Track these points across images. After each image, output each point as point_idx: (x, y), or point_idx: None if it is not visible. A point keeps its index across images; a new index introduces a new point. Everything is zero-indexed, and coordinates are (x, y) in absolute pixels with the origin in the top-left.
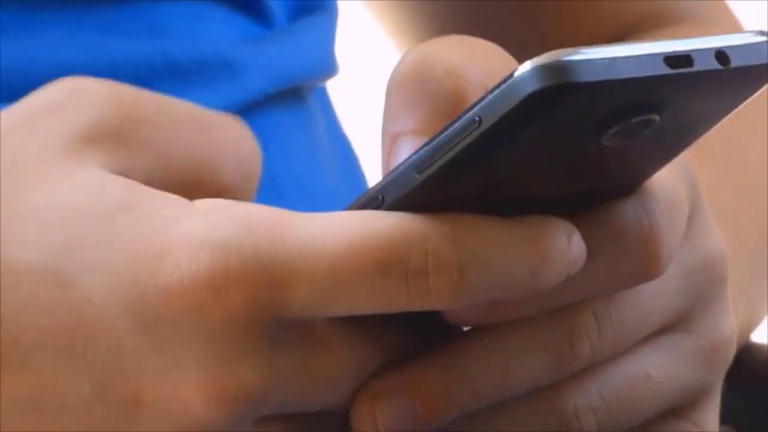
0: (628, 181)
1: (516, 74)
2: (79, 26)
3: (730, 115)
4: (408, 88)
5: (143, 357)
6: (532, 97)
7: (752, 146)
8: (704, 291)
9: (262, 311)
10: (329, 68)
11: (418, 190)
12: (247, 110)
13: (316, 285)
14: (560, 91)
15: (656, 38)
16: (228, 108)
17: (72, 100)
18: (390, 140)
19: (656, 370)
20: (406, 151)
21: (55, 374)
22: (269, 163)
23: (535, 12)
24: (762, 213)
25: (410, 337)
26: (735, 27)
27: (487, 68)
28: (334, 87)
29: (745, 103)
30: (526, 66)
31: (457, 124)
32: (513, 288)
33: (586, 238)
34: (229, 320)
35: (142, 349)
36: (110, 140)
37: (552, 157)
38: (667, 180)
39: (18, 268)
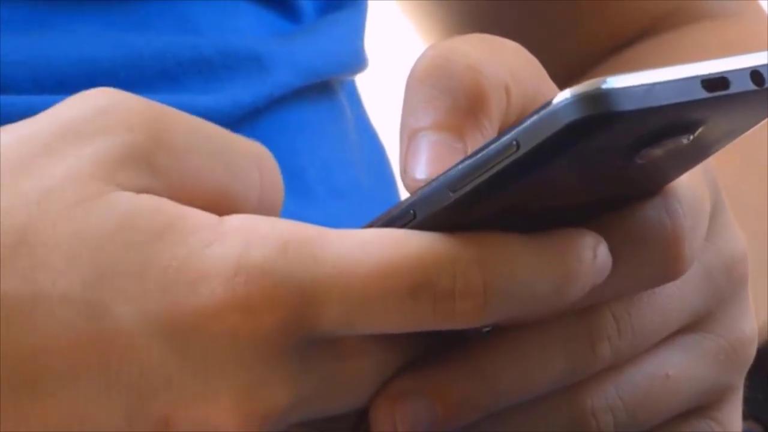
0: (652, 185)
1: (555, 102)
2: (107, 21)
3: None
4: (428, 84)
5: (175, 382)
6: (572, 125)
7: None
8: (724, 291)
9: (293, 331)
10: (358, 62)
11: (451, 207)
12: (274, 104)
13: (347, 306)
14: (600, 121)
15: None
16: (255, 102)
17: (102, 119)
18: (409, 135)
19: (676, 370)
20: (424, 146)
21: (87, 403)
22: (296, 156)
23: (562, 6)
24: None
25: (430, 338)
26: (764, 20)
27: (507, 65)
28: (362, 82)
29: None
30: (566, 94)
31: (493, 146)
32: (537, 306)
33: (609, 242)
34: (261, 342)
35: (174, 374)
36: (140, 163)
37: (584, 175)
38: (688, 181)
39: (49, 300)
